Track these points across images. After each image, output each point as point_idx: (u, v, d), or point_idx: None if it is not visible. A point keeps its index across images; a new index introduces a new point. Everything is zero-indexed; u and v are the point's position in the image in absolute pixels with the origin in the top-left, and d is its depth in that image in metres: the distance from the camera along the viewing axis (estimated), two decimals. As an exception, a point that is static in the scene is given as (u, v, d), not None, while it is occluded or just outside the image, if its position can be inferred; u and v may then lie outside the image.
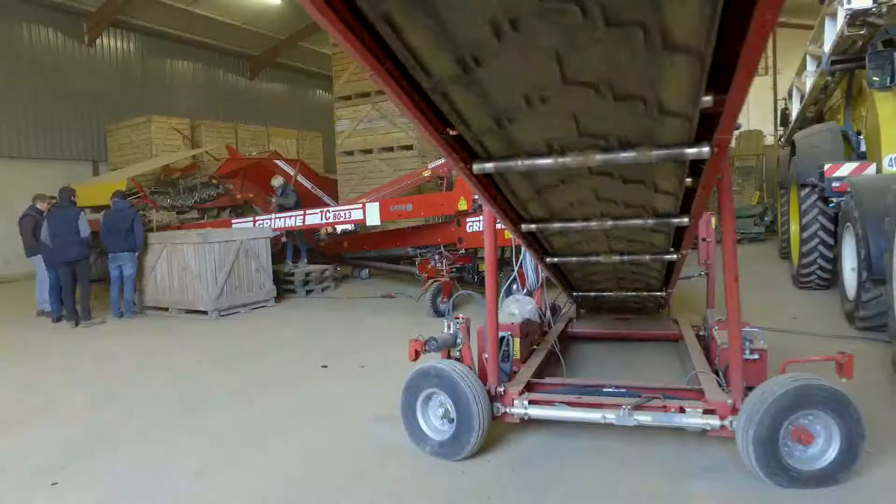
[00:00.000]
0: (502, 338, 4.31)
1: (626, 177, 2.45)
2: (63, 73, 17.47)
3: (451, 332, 3.87)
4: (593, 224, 2.93)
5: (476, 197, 7.91)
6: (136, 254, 9.19)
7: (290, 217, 9.54)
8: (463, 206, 7.84)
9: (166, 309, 9.32)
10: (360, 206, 8.72)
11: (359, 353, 6.43)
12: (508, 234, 7.84)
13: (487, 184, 2.63)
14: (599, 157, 2.09)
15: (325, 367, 5.95)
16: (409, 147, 14.12)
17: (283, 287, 10.39)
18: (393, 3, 1.34)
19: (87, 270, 8.80)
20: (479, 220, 7.81)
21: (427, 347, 3.76)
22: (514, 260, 8.73)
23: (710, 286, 5.77)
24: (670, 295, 5.67)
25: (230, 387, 5.46)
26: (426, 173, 12.81)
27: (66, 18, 17.54)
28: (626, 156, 2.07)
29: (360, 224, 11.63)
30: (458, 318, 3.92)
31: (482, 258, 8.93)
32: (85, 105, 17.95)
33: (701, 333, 5.44)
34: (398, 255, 11.30)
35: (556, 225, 3.04)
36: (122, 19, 18.40)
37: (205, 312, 8.81)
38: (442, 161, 13.03)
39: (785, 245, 11.53)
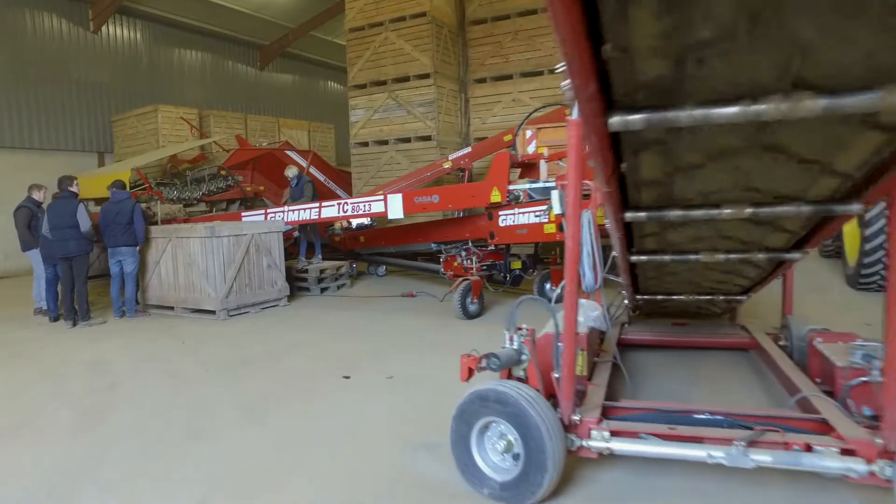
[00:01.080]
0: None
1: (801, 154, 1.74)
2: (67, 61, 16.86)
3: (515, 346, 3.14)
4: (726, 212, 2.19)
5: (513, 188, 7.18)
6: (137, 248, 8.51)
7: (304, 210, 8.84)
8: (496, 197, 7.10)
9: (171, 308, 8.64)
10: (381, 197, 8.01)
11: (383, 361, 5.72)
12: (548, 229, 7.18)
13: (608, 152, 1.90)
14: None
15: (347, 377, 5.24)
16: (428, 138, 13.46)
17: (296, 284, 9.70)
18: None
19: (85, 267, 8.13)
20: (514, 214, 7.08)
21: (486, 366, 3.04)
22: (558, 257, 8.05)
23: (788, 290, 5.01)
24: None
25: (239, 401, 4.76)
26: (447, 164, 12.13)
27: (70, 5, 16.91)
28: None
29: (378, 218, 11.00)
30: (522, 329, 3.18)
31: (515, 255, 8.21)
32: (90, 95, 17.36)
33: (783, 343, 4.69)
34: (417, 251, 10.60)
35: (674, 213, 2.31)
36: (128, 6, 17.76)
37: (212, 312, 8.13)
38: (464, 151, 12.33)
39: (829, 243, 10.76)
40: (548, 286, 8.27)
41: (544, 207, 6.61)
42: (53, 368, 6.06)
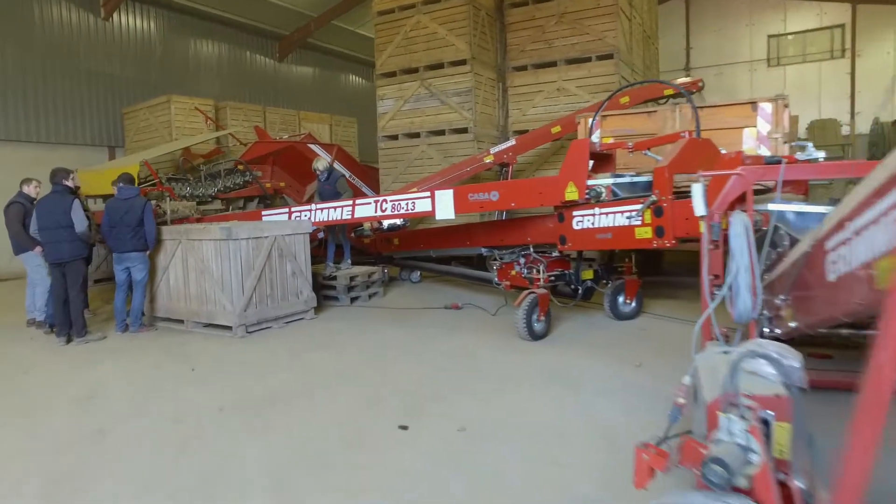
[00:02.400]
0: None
1: None
2: (76, 51, 15.80)
3: (739, 437, 1.87)
4: None
5: (594, 183, 5.89)
6: (148, 253, 7.35)
7: (335, 208, 7.61)
8: (572, 194, 5.83)
9: (181, 321, 7.47)
10: (427, 194, 6.76)
11: (448, 401, 4.47)
12: (641, 233, 5.89)
13: None
14: None
15: (404, 428, 4.00)
16: (464, 130, 12.22)
17: (323, 293, 8.47)
18: None
19: (79, 274, 6.96)
20: (594, 215, 5.79)
21: (706, 477, 1.77)
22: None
23: None
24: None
25: (266, 462, 3.53)
26: (487, 159, 10.91)
27: (79, -11, 15.87)
28: None
29: (411, 218, 9.79)
30: (750, 403, 1.91)
31: (589, 262, 6.93)
32: (100, 86, 16.28)
33: None
34: (460, 256, 9.36)
35: None
36: (140, -9, 16.69)
37: (228, 328, 6.94)
38: (507, 144, 11.07)
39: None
40: (621, 299, 6.99)
41: (637, 207, 5.33)
42: (32, 404, 4.87)
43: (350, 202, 7.52)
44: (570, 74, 12.09)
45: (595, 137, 8.28)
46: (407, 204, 6.95)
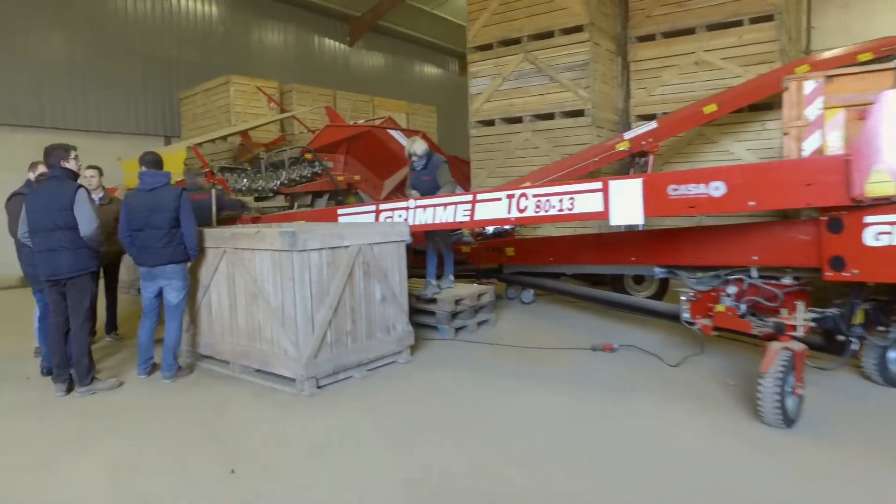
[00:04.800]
0: None
1: None
2: (132, 33, 14.20)
3: None
4: None
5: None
6: (188, 266, 5.23)
7: (445, 206, 5.29)
8: (882, 187, 3.29)
9: (226, 363, 5.31)
10: (597, 186, 4.33)
11: None
12: None
13: None
14: None
15: None
16: (578, 113, 9.76)
17: (415, 318, 6.11)
18: None
19: (86, 295, 4.84)
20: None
21: None
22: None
23: None
24: None
25: None
26: (622, 146, 8.42)
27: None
28: None
29: (537, 223, 7.33)
30: None
31: (873, 300, 4.30)
32: (156, 71, 14.68)
33: None
34: (611, 275, 6.93)
35: None
36: (202, -34, 14.96)
37: (291, 380, 4.71)
38: (647, 127, 8.52)
39: None
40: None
41: None
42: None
43: (468, 197, 5.15)
44: (714, 43, 9.45)
45: (814, 110, 5.70)
46: (561, 201, 4.52)
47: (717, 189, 3.90)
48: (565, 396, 4.43)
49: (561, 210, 4.55)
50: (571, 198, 4.50)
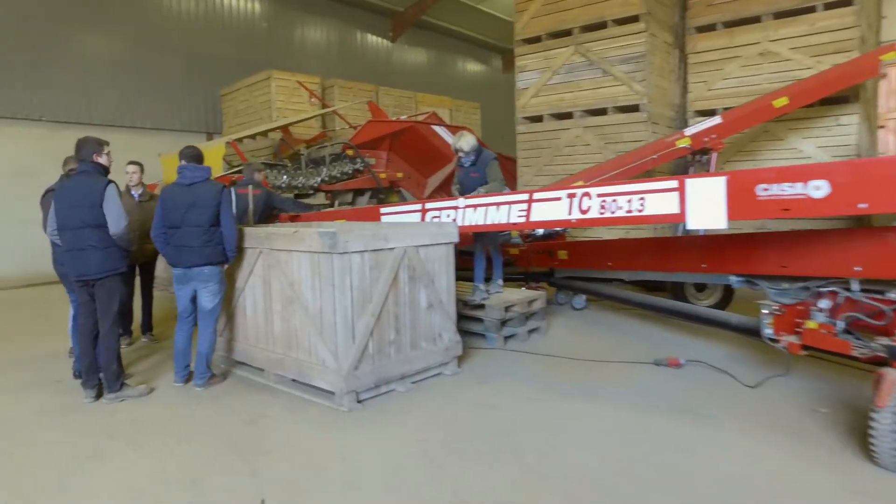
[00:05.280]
0: None
1: None
2: (173, 30, 14.19)
3: None
4: None
5: None
6: (224, 269, 4.91)
7: (498, 206, 4.85)
8: None
9: (262, 370, 4.97)
10: (672, 185, 3.83)
11: None
12: None
13: None
14: None
15: None
16: (633, 108, 9.20)
17: (461, 325, 5.64)
18: None
19: (114, 298, 4.57)
20: None
21: None
22: None
23: None
24: None
25: None
26: (682, 143, 7.86)
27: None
28: None
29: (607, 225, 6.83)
30: None
31: None
32: (198, 67, 14.66)
33: None
34: (670, 282, 6.41)
35: None
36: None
37: (329, 392, 4.34)
38: (710, 123, 7.93)
39: None
40: None
41: None
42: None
43: (524, 196, 4.69)
44: (782, 32, 8.76)
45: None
46: (629, 202, 4.03)
47: (819, 189, 3.35)
48: (630, 419, 3.95)
49: (629, 211, 4.06)
50: (642, 198, 4.00)
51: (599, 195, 4.21)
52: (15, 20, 11.74)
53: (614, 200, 4.09)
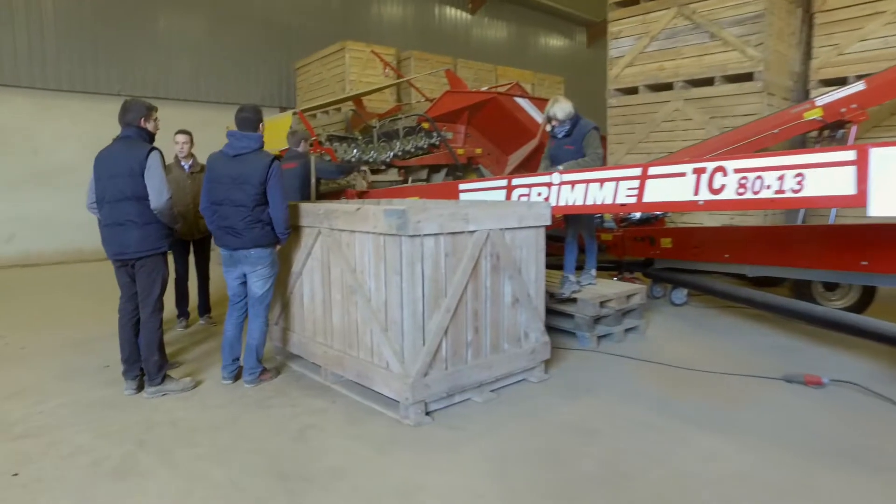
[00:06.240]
0: None
1: None
2: (249, 3, 13.83)
3: None
4: None
5: None
6: (276, 250, 4.30)
7: (601, 182, 3.99)
8: None
9: (318, 367, 4.35)
10: (850, 156, 2.88)
11: None
12: None
13: None
14: None
15: None
16: (746, 77, 8.04)
17: (547, 321, 4.76)
18: None
19: (156, 280, 4.03)
20: None
21: None
22: None
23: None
24: None
25: None
26: (811, 114, 6.70)
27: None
28: None
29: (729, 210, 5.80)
30: None
31: None
32: (273, 41, 14.31)
33: None
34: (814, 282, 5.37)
35: None
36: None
37: (394, 403, 3.65)
38: (850, 90, 6.72)
39: None
40: None
41: None
42: None
43: (636, 171, 3.81)
44: (941, -18, 7.36)
45: None
46: (781, 179, 3.09)
47: None
48: (787, 469, 3.02)
49: (780, 192, 3.11)
50: (799, 174, 3.05)
51: (738, 170, 3.27)
52: (95, -4, 11.70)
53: (759, 177, 3.15)
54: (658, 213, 6.80)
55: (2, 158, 11.04)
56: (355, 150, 7.88)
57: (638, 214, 6.76)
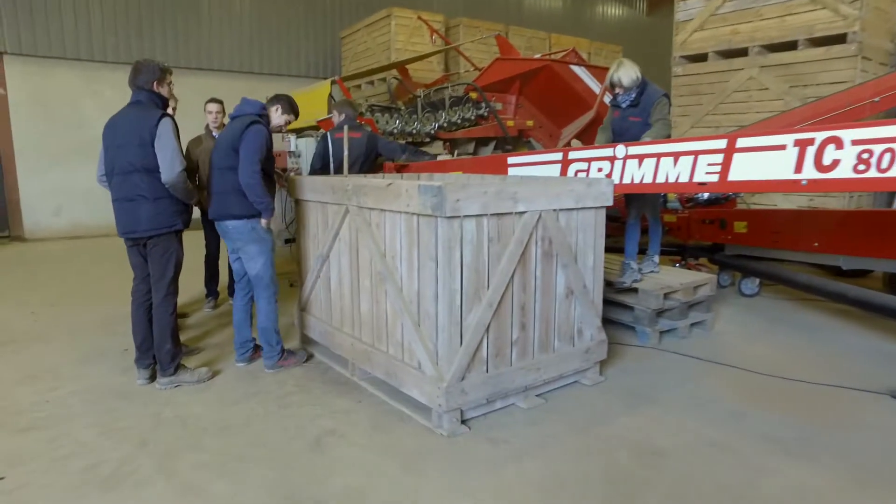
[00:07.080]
0: None
1: None
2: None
3: None
4: None
5: None
6: (263, 225, 3.83)
7: (674, 156, 3.39)
8: None
9: (345, 361, 3.92)
10: None
11: None
12: None
13: None
14: None
15: None
16: (837, 39, 7.18)
17: (605, 315, 4.27)
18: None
19: (169, 261, 3.66)
20: None
21: None
22: None
23: None
24: None
25: None
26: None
27: None
28: None
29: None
30: None
31: None
32: (318, 10, 13.85)
33: None
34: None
35: None
36: None
37: (425, 409, 3.19)
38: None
39: None
40: None
41: None
42: None
43: (720, 144, 3.19)
44: None
45: None
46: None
47: None
48: (877, 499, 2.46)
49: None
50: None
51: (856, 142, 2.63)
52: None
53: (889, 150, 2.51)
54: (730, 192, 6.10)
55: (49, 131, 11.01)
56: (398, 121, 7.38)
57: (705, 194, 6.08)
